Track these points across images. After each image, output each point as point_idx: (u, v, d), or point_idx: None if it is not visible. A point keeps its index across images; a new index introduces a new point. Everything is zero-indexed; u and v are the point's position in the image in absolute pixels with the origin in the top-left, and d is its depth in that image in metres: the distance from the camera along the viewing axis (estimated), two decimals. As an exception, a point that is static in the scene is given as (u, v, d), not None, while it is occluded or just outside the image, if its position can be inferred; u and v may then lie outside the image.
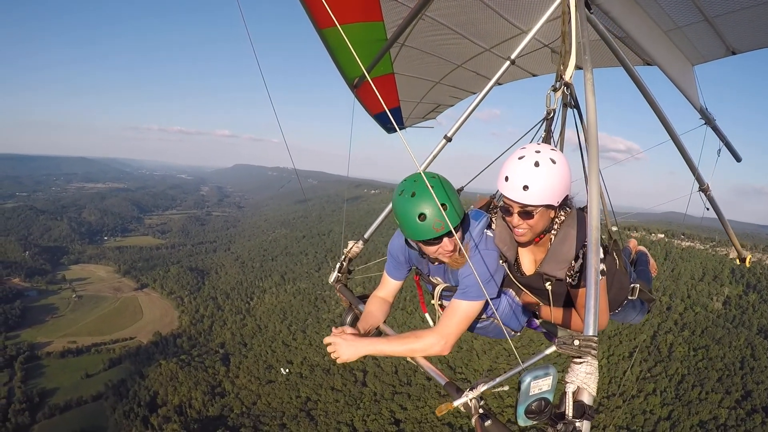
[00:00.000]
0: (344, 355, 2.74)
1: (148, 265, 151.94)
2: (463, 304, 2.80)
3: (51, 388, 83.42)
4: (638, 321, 4.03)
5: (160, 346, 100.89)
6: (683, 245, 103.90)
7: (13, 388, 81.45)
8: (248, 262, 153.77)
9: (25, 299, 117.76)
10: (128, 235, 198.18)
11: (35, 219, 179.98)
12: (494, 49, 5.22)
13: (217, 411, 78.43)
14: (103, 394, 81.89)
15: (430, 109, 7.74)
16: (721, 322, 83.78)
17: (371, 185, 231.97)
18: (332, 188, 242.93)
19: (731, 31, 4.15)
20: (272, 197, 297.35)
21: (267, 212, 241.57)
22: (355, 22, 4.45)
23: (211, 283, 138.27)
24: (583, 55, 3.08)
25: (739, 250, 6.64)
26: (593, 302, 2.06)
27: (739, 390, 68.81)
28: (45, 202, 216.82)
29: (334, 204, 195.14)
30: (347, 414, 76.35)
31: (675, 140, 4.71)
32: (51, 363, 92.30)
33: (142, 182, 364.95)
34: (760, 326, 79.98)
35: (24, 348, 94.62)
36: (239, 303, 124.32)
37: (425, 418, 72.54)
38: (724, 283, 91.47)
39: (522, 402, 1.94)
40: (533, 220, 2.68)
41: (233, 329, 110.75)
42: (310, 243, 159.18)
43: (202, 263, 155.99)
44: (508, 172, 2.62)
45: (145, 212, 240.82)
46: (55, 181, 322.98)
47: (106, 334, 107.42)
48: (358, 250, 4.21)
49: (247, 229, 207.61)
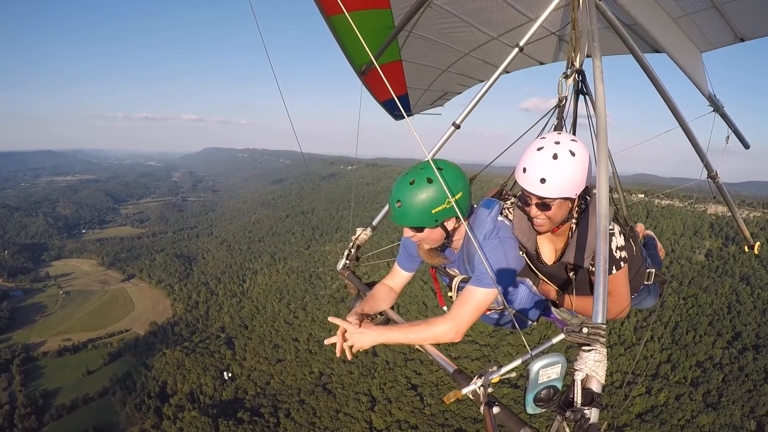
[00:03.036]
0: (358, 343, 2.71)
1: (131, 255, 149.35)
2: (478, 291, 2.73)
3: (53, 388, 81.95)
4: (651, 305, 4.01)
5: (159, 336, 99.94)
6: (663, 204, 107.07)
7: (14, 392, 79.70)
8: (235, 245, 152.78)
9: (11, 299, 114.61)
10: (106, 226, 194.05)
11: (9, 217, 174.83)
12: (502, 37, 5.19)
13: (231, 394, 78.86)
14: (109, 389, 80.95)
15: (437, 96, 7.70)
16: (705, 272, 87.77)
17: (346, 161, 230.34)
18: (305, 167, 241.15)
19: (740, 18, 4.13)
20: (246, 179, 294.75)
21: (244, 194, 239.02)
22: (362, 9, 4.43)
23: (199, 268, 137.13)
24: (592, 43, 3.10)
25: (747, 237, 6.48)
26: (602, 289, 2.09)
27: (729, 332, 73.05)
28: (16, 199, 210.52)
29: (311, 182, 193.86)
30: (363, 384, 77.84)
31: (684, 127, 4.68)
32: (49, 363, 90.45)
33: (112, 172, 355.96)
34: (741, 274, 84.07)
35: (18, 350, 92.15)
36: (232, 286, 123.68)
37: (441, 380, 74.51)
38: (704, 237, 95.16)
39: (530, 390, 1.92)
40: (551, 212, 2.64)
41: (231, 312, 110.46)
42: (296, 221, 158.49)
43: (187, 249, 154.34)
44: (526, 164, 2.57)
45: (120, 202, 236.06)
46: (23, 177, 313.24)
47: (101, 328, 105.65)
48: (366, 237, 4.15)
49: (227, 212, 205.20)
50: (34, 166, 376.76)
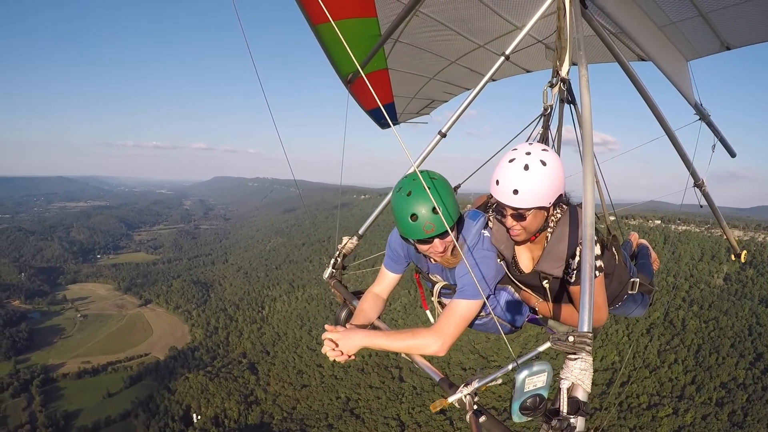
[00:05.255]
0: (344, 346, 2.66)
1: (147, 280, 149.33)
2: (461, 303, 2.76)
3: (74, 410, 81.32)
4: (640, 314, 4.05)
5: (180, 360, 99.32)
6: (680, 229, 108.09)
7: (34, 412, 79.27)
8: (252, 273, 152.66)
9: (29, 321, 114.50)
10: (120, 252, 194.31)
11: (25, 240, 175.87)
12: (488, 45, 5.23)
13: (256, 419, 78.10)
14: (131, 412, 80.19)
15: (424, 104, 7.81)
16: (725, 296, 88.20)
17: (359, 191, 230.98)
18: (317, 195, 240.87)
19: (726, 27, 4.17)
20: (257, 208, 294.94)
21: (256, 223, 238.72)
22: (349, 18, 4.50)
23: (217, 295, 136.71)
24: (578, 51, 3.06)
25: (734, 246, 6.64)
26: (588, 298, 2.07)
27: (751, 353, 73.45)
28: (31, 223, 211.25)
29: (325, 211, 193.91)
30: (391, 409, 77.19)
31: (670, 135, 4.71)
32: (68, 385, 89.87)
33: (123, 199, 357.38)
34: (761, 297, 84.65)
35: (37, 371, 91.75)
36: (252, 313, 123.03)
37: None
38: (722, 261, 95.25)
39: (516, 398, 1.93)
40: (526, 222, 2.70)
41: (252, 339, 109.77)
42: (312, 250, 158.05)
43: (204, 276, 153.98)
44: (498, 176, 2.62)
45: (133, 228, 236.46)
46: (36, 202, 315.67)
47: (119, 352, 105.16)
48: (352, 246, 4.16)
49: (241, 240, 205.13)
50: (46, 192, 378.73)
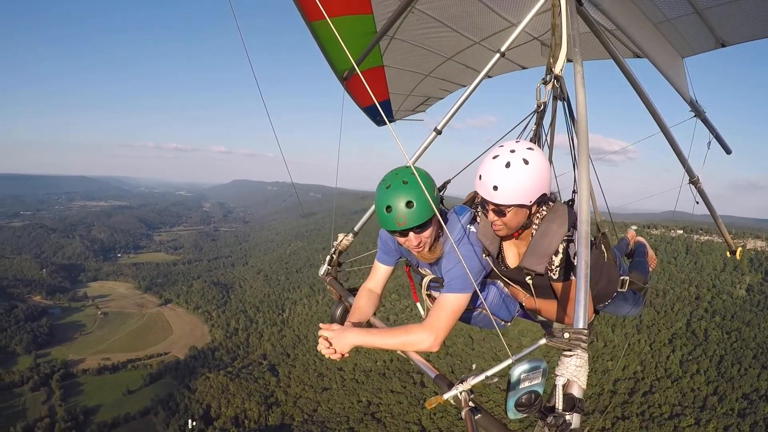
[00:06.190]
0: (338, 345, 2.67)
1: (168, 280, 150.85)
2: (449, 297, 2.74)
3: (93, 405, 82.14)
4: (634, 314, 3.99)
5: (200, 360, 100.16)
6: (702, 239, 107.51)
7: (53, 406, 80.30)
8: (272, 275, 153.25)
9: (50, 317, 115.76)
10: (141, 251, 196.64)
11: (47, 237, 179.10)
12: (484, 41, 5.25)
13: (277, 420, 78.37)
14: (150, 409, 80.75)
15: (419, 101, 7.83)
16: (747, 306, 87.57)
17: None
18: (336, 200, 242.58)
19: (721, 24, 4.14)
20: (277, 212, 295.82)
21: (275, 226, 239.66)
22: (344, 15, 4.45)
23: (237, 296, 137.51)
24: (573, 48, 3.06)
25: (729, 242, 6.56)
26: (583, 295, 2.05)
27: None
28: (52, 221, 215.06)
29: (345, 216, 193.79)
30: (413, 414, 77.03)
31: (665, 133, 4.70)
32: (88, 380, 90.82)
33: (143, 200, 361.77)
34: None
35: (58, 366, 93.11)
36: (272, 315, 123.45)
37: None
38: (744, 272, 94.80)
39: (512, 395, 1.93)
40: (507, 218, 2.69)
41: (273, 341, 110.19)
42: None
43: (224, 277, 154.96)
44: (482, 171, 2.64)
45: (153, 229, 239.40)
46: (57, 200, 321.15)
47: (140, 350, 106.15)
48: (348, 242, 4.16)
49: (260, 243, 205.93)
50: (68, 190, 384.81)
